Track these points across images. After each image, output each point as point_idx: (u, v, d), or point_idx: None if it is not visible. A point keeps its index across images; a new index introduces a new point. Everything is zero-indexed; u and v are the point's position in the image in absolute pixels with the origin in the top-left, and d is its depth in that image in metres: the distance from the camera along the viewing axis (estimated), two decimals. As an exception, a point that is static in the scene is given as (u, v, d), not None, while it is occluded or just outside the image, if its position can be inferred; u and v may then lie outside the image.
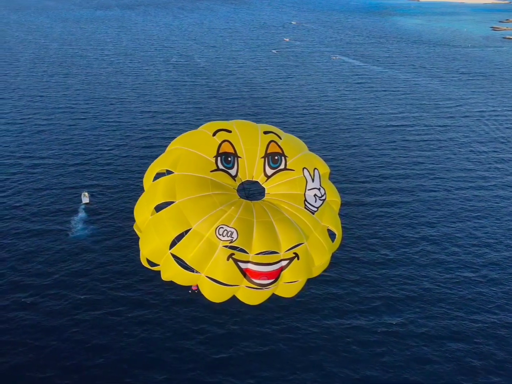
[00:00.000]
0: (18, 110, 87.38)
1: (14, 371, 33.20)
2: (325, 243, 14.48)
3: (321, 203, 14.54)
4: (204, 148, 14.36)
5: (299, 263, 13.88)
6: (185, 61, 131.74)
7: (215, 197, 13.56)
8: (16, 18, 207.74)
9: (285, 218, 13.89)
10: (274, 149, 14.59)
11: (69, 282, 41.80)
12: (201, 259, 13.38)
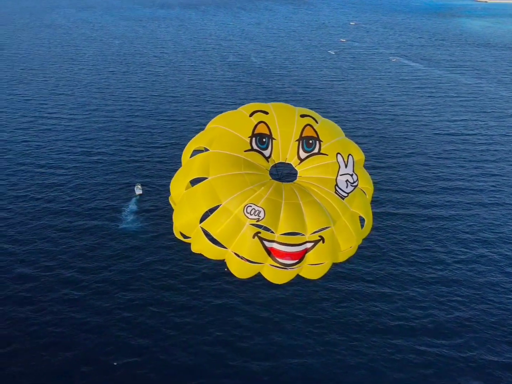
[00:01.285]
0: (80, 106, 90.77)
1: (58, 364, 34.18)
2: (352, 229, 14.48)
3: (352, 189, 14.46)
4: (240, 128, 14.58)
5: (324, 246, 13.99)
6: (241, 60, 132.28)
7: (246, 176, 13.88)
8: (83, 16, 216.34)
9: (313, 201, 13.99)
10: (309, 133, 14.56)
11: (115, 278, 42.70)
12: (228, 235, 13.78)
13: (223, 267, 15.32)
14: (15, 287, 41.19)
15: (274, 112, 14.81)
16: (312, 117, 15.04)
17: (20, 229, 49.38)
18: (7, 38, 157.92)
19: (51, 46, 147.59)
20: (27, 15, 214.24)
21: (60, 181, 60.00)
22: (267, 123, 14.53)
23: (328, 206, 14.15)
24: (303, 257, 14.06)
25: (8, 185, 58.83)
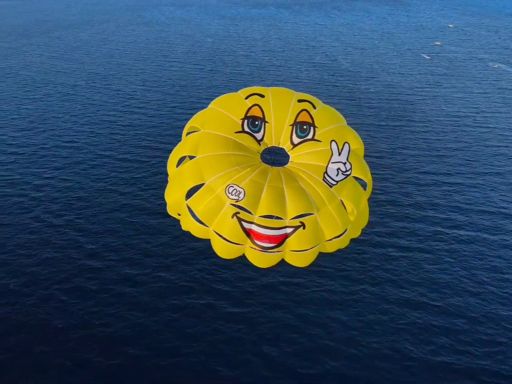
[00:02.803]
0: (164, 102, 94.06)
1: (111, 343, 35.28)
2: (338, 218, 14.09)
3: (343, 178, 14.11)
4: (234, 110, 14.65)
5: (305, 233, 13.78)
6: (328, 61, 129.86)
7: (233, 157, 14.07)
8: (181, 14, 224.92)
9: (297, 187, 13.79)
10: (304, 118, 14.36)
11: (176, 266, 43.37)
12: (209, 214, 14.03)
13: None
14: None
15: (270, 96, 14.72)
16: (310, 103, 14.83)
17: (94, 220, 51.89)
18: (109, 35, 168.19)
19: (147, 42, 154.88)
20: (130, 13, 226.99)
21: (140, 176, 62.42)
22: (261, 106, 14.51)
23: (313, 192, 13.89)
24: (282, 242, 13.90)
25: (93, 176, 62.15)
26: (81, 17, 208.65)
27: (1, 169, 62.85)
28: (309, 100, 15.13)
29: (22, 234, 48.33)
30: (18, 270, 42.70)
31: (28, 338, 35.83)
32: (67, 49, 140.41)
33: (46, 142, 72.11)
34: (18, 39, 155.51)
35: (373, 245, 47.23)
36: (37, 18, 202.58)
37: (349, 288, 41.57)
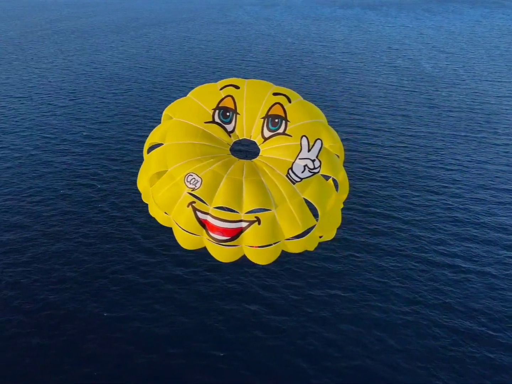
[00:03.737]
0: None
1: (153, 340, 35.68)
2: (299, 216, 13.42)
3: (309, 175, 13.51)
4: (207, 100, 14.53)
5: (260, 228, 13.35)
6: (410, 65, 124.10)
7: (198, 147, 13.94)
8: (265, 14, 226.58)
9: (257, 181, 13.43)
10: (277, 112, 13.78)
11: (226, 268, 43.12)
12: (168, 201, 13.98)
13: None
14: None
15: (245, 88, 14.31)
16: (286, 96, 14.14)
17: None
18: (193, 33, 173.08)
19: (227, 41, 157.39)
20: (215, 11, 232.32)
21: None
22: (234, 98, 14.16)
23: (273, 188, 13.44)
24: (236, 236, 13.55)
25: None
26: (169, 15, 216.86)
27: (76, 160, 66.33)
28: (285, 93, 14.43)
29: (87, 224, 50.41)
30: (77, 259, 44.57)
31: (80, 325, 37.14)
32: (151, 46, 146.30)
33: (121, 136, 75.17)
34: (109, 35, 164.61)
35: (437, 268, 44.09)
36: (128, 16, 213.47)
37: (402, 308, 39.00)
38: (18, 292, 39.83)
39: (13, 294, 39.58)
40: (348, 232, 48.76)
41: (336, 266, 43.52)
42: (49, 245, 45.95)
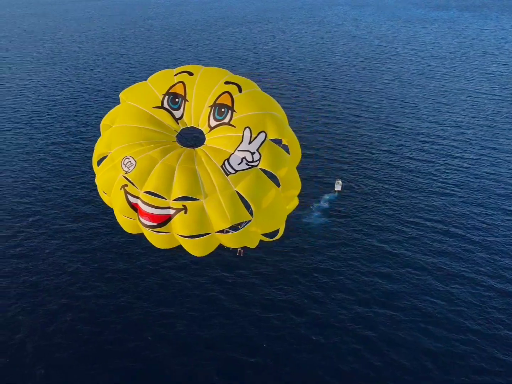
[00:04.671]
0: (311, 100, 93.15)
1: (192, 340, 35.73)
2: (228, 209, 12.98)
3: (246, 168, 13.10)
4: (159, 85, 14.38)
5: (186, 217, 13.09)
6: (506, 71, 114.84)
7: (142, 131, 13.86)
8: (354, 14, 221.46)
9: (191, 169, 13.14)
10: (224, 101, 13.45)
11: (275, 275, 42.29)
12: (106, 183, 14.09)
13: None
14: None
15: (199, 75, 14.05)
16: (238, 86, 13.75)
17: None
18: (278, 33, 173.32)
19: (311, 42, 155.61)
20: (304, 12, 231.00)
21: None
22: (186, 84, 14.00)
23: (205, 178, 13.05)
24: (164, 223, 13.34)
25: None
26: (257, 14, 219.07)
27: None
28: (238, 82, 14.01)
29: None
30: (134, 252, 45.82)
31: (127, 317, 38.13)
32: (235, 45, 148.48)
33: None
34: (197, 33, 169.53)
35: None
36: (218, 15, 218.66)
37: (456, 336, 35.80)
38: (76, 277, 41.84)
39: (70, 279, 41.63)
40: (411, 248, 45.89)
41: (391, 284, 41.05)
42: (110, 236, 47.83)
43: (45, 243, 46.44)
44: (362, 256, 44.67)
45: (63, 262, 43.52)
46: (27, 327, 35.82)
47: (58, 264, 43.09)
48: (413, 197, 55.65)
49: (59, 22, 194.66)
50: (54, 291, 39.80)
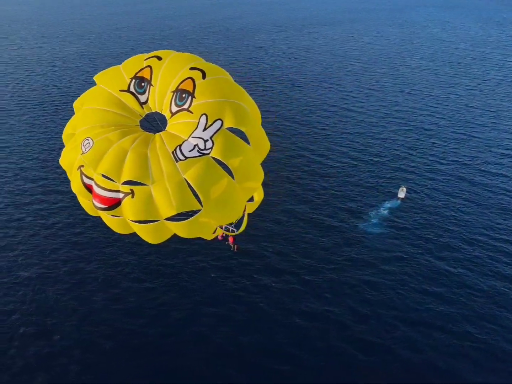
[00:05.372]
0: (381, 103, 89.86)
1: (236, 328, 35.67)
2: (174, 197, 12.78)
3: (196, 155, 12.81)
4: (129, 69, 14.41)
5: (133, 202, 13.04)
6: None
7: (106, 113, 14.01)
8: (442, 16, 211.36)
9: (142, 153, 13.05)
10: (186, 87, 13.27)
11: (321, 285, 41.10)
12: (68, 163, 14.30)
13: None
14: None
15: (168, 60, 13.95)
16: (203, 72, 13.48)
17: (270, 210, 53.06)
18: (356, 34, 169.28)
19: (391, 44, 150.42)
20: (387, 13, 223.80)
21: (326, 172, 61.43)
22: (153, 69, 13.93)
23: (155, 164, 12.88)
24: (114, 206, 13.36)
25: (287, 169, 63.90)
26: (338, 15, 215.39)
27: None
28: (203, 69, 13.69)
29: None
30: (190, 249, 46.49)
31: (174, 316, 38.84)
32: (311, 46, 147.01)
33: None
34: (275, 33, 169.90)
35: None
36: (298, 15, 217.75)
37: None
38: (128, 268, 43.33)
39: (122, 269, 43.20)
40: (472, 268, 42.76)
41: (445, 305, 38.50)
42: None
43: (107, 231, 48.45)
44: (417, 272, 42.31)
45: (119, 252, 45.19)
46: (79, 315, 37.57)
47: (114, 254, 44.83)
48: (481, 213, 51.88)
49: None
50: (105, 281, 41.39)
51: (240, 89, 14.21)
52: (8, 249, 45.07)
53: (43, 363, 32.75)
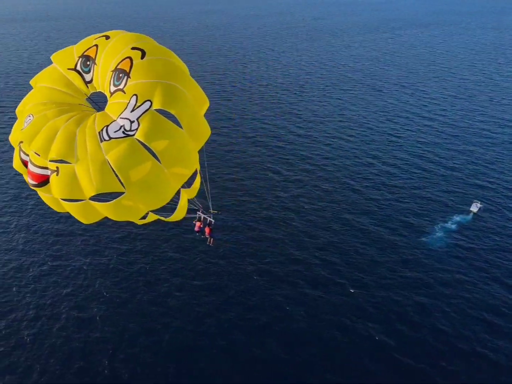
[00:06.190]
0: (463, 113, 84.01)
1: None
2: (95, 177, 12.57)
3: (121, 136, 12.46)
4: (79, 47, 14.39)
5: (58, 179, 13.05)
6: None
7: (52, 91, 14.19)
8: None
9: (71, 131, 12.97)
10: (124, 66, 13.00)
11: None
12: (14, 138, 14.35)
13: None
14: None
15: (114, 39, 13.73)
16: (143, 51, 13.09)
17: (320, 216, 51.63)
18: (446, 37, 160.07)
19: (485, 48, 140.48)
20: (488, 16, 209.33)
21: (393, 183, 58.55)
22: (98, 48, 13.83)
23: (81, 143, 12.80)
24: (43, 183, 13.44)
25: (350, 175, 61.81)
26: (429, 17, 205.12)
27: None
28: (144, 49, 13.37)
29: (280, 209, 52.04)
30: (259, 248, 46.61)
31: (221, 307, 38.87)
32: (399, 49, 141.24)
33: (340, 132, 75.15)
34: (363, 35, 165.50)
35: None
36: (388, 16, 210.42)
37: None
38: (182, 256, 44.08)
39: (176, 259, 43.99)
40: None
41: (500, 340, 34.98)
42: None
43: (166, 226, 49.73)
44: (478, 299, 38.81)
45: (186, 245, 45.99)
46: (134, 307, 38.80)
47: (179, 247, 45.75)
48: None
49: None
50: (170, 276, 42.37)
51: (180, 71, 13.68)
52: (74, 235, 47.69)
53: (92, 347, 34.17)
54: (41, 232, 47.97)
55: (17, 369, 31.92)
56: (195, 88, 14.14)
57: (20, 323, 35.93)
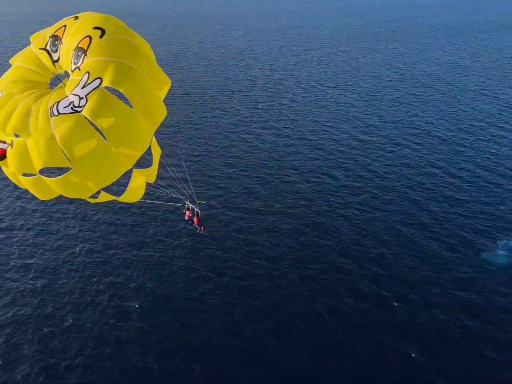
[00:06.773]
0: None
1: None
2: (41, 152, 13.00)
3: (69, 112, 12.74)
4: (53, 28, 14.82)
5: (12, 153, 13.41)
6: None
7: (23, 70, 14.75)
8: None
9: (26, 107, 13.40)
10: (83, 45, 13.39)
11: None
12: None
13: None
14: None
15: (81, 19, 14.05)
16: (103, 30, 13.77)
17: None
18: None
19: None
20: None
21: (450, 194, 55.15)
22: (66, 28, 14.09)
23: (34, 118, 13.22)
24: (3, 157, 13.80)
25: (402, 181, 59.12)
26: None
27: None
28: (104, 28, 13.56)
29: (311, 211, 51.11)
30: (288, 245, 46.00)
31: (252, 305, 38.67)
32: (481, 53, 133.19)
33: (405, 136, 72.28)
34: (445, 37, 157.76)
35: None
36: (472, 19, 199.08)
37: None
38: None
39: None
40: None
41: None
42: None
43: (215, 226, 50.28)
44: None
45: (233, 245, 46.41)
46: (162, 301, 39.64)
47: (222, 241, 46.22)
48: None
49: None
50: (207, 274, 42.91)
51: (139, 51, 13.72)
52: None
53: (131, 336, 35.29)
54: (94, 220, 50.18)
55: (55, 348, 33.58)
56: (153, 68, 14.29)
57: (65, 305, 37.86)
